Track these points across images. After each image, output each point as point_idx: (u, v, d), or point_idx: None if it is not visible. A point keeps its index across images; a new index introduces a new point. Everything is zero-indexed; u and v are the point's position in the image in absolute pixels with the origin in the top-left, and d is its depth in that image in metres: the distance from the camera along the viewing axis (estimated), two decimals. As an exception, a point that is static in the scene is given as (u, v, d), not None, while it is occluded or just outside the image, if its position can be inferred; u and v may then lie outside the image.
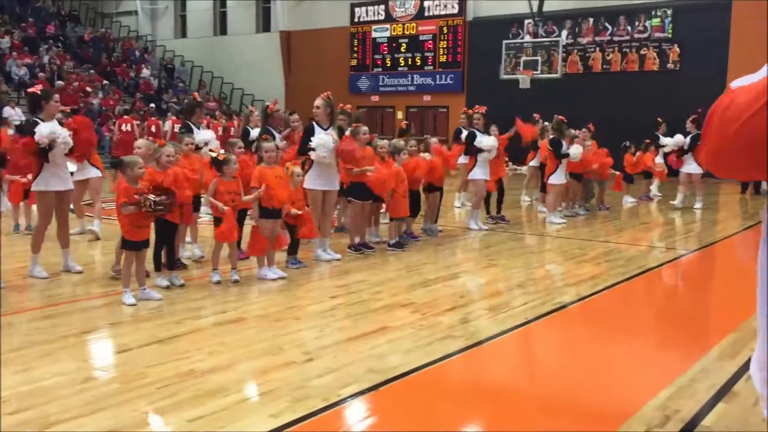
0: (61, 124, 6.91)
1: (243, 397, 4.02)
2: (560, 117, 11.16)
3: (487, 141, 10.02)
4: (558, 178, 11.06)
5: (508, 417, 3.86)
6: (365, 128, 8.15)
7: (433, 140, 9.93)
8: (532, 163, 13.33)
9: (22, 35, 24.50)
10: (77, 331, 5.20)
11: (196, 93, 7.41)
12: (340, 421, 3.76)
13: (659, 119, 14.33)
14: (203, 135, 7.99)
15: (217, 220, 6.61)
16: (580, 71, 22.49)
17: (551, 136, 11.12)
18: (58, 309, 5.78)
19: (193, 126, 8.01)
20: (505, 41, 22.49)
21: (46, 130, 6.47)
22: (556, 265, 8.25)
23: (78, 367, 4.44)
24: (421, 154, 9.15)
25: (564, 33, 22.59)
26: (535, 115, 13.54)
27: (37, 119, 6.58)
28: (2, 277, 6.32)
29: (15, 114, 17.98)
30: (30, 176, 6.97)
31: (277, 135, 8.26)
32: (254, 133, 9.15)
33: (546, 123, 12.13)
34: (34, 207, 7.60)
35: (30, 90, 7.03)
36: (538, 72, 21.63)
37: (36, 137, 6.42)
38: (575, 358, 4.92)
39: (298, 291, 6.60)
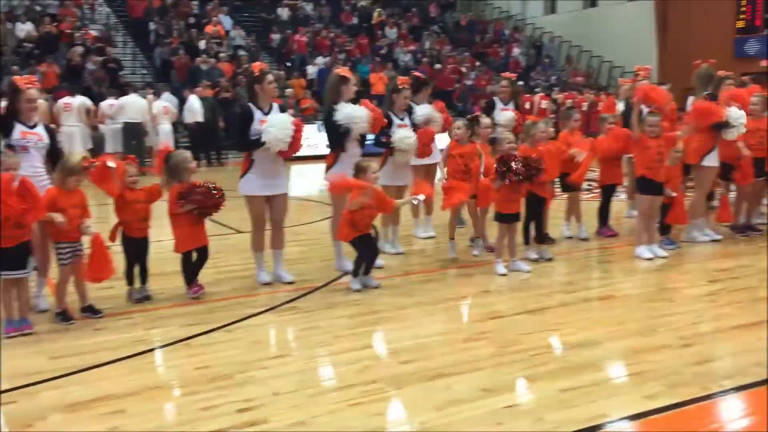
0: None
1: (614, 375, 3.99)
2: None
3: None
4: None
5: None
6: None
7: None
8: None
9: (408, 25, 27.05)
10: (455, 296, 5.66)
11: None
12: (720, 413, 3.51)
13: None
14: None
15: None
16: None
17: None
18: (436, 275, 6.33)
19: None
20: None
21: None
22: None
23: (457, 328, 4.84)
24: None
25: None
26: None
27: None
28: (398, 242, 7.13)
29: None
30: None
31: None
32: (619, 106, 8.85)
33: None
34: None
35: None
36: None
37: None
38: None
39: (672, 272, 6.25)
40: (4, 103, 10.01)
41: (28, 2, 20.38)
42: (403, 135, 6.64)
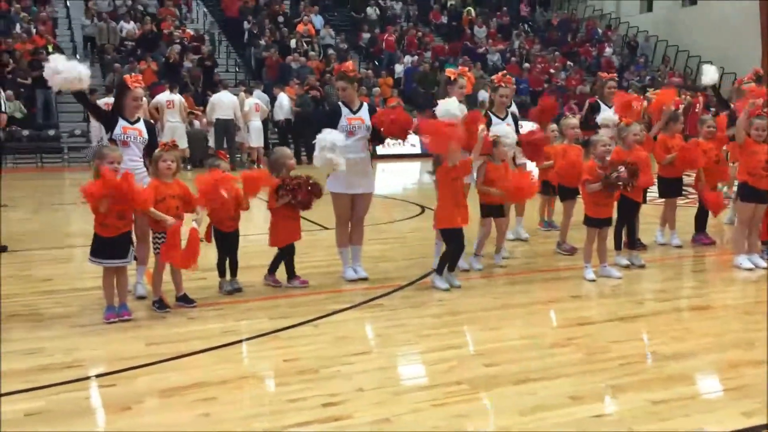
0: None
1: (710, 389, 3.83)
2: None
3: None
4: None
5: None
6: None
7: None
8: None
9: (497, 23, 26.76)
10: (542, 300, 5.56)
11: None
12: (827, 436, 3.31)
13: None
14: None
15: None
16: None
17: None
18: (522, 278, 6.23)
19: None
20: None
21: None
22: None
23: (543, 332, 4.75)
24: None
25: None
26: None
27: None
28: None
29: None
30: None
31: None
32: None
33: None
34: None
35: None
36: None
37: None
38: None
39: (773, 284, 5.95)
40: (105, 100, 10.45)
41: (130, 2, 21.30)
42: (502, 131, 6.43)
